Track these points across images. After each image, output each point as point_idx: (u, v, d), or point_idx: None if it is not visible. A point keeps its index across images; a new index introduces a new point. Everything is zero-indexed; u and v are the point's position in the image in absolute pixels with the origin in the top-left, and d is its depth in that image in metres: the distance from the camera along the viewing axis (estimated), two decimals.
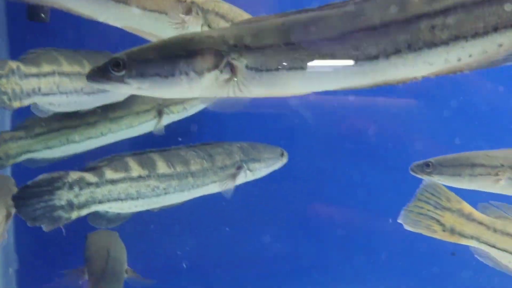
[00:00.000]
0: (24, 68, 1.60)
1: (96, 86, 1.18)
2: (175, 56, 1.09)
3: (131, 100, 1.91)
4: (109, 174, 1.59)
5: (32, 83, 1.64)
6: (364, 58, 1.04)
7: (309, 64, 1.05)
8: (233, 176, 1.66)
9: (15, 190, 1.62)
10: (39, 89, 1.68)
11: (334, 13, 1.06)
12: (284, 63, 1.06)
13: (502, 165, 1.64)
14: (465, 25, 1.00)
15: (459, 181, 1.68)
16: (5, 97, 1.55)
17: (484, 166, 1.65)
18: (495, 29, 1.00)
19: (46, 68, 1.64)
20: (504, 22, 0.98)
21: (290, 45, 1.06)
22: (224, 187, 1.66)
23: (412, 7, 1.01)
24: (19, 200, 1.46)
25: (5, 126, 2.20)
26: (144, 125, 1.94)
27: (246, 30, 1.12)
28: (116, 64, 1.11)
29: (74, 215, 1.56)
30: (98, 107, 1.84)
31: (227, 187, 1.66)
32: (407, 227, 1.74)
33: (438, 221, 1.73)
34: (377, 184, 2.60)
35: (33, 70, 1.64)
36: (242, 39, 1.10)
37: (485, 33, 1.00)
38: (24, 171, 1.92)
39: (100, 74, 1.13)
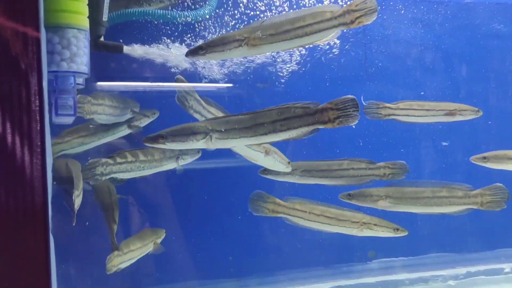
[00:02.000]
0: (92, 100, 2.90)
1: (149, 145, 2.25)
2: (188, 134, 2.20)
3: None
4: (118, 159, 2.86)
5: (94, 108, 2.89)
6: (259, 134, 2.18)
7: (238, 137, 2.22)
8: (176, 161, 3.09)
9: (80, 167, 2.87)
10: (96, 111, 2.89)
11: (248, 116, 2.19)
12: (230, 136, 2.20)
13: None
14: (292, 124, 2.15)
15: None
16: (85, 113, 2.83)
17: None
18: (300, 126, 2.14)
19: (99, 101, 2.94)
20: (301, 124, 2.15)
21: (233, 129, 2.19)
22: (170, 167, 3.10)
23: (275, 116, 2.15)
24: (87, 171, 2.80)
25: None
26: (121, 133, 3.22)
27: (216, 122, 2.23)
28: (162, 137, 2.18)
29: (103, 178, 2.82)
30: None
31: (172, 167, 3.10)
32: (254, 213, 3.02)
33: (267, 208, 3.02)
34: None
35: (94, 101, 2.89)
36: (214, 127, 2.20)
37: (299, 127, 2.15)
38: None
39: (152, 140, 2.19)
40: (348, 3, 2.27)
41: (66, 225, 2.77)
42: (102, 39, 2.92)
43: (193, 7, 3.35)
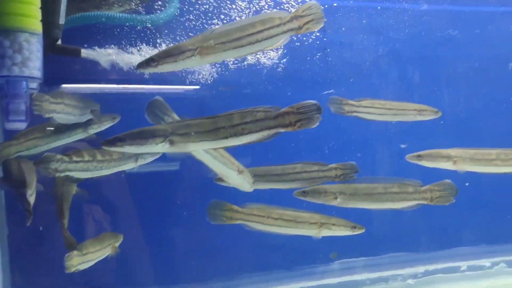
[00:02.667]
0: (51, 99, 2.82)
1: (108, 149, 2.24)
2: (146, 137, 2.18)
3: None
4: (74, 157, 2.77)
5: (53, 106, 2.81)
6: (220, 138, 2.18)
7: (198, 141, 2.21)
8: (135, 161, 3.03)
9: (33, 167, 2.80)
10: (55, 110, 2.82)
11: (209, 120, 2.19)
12: (190, 139, 2.20)
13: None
14: (253, 128, 2.15)
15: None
16: (44, 111, 2.75)
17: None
18: (261, 129, 2.15)
19: (58, 100, 2.87)
20: (262, 127, 2.15)
21: (193, 133, 2.18)
22: (128, 167, 3.03)
23: (236, 120, 2.15)
24: (41, 164, 2.71)
25: None
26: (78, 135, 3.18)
27: (175, 126, 2.22)
28: (120, 140, 2.15)
29: (58, 174, 2.72)
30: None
31: (131, 167, 3.04)
32: (212, 222, 3.04)
33: (224, 216, 3.04)
34: None
35: (53, 100, 2.78)
36: (173, 130, 2.19)
37: (260, 130, 2.16)
38: None
39: (110, 143, 2.16)
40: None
41: (20, 231, 2.73)
42: (59, 42, 2.90)
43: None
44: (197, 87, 3.72)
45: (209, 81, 3.69)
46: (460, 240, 4.52)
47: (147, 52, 3.37)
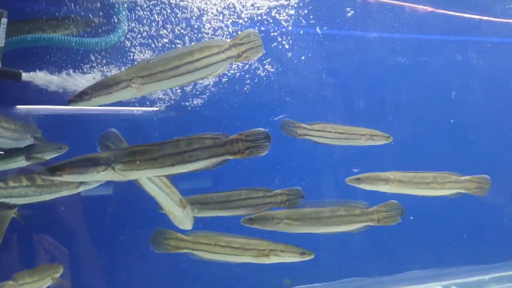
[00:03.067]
0: None
1: (47, 178, 2.21)
2: (87, 165, 2.08)
3: None
4: (11, 183, 2.66)
5: None
6: (166, 166, 2.10)
7: (143, 168, 2.12)
8: (78, 186, 2.84)
9: None
10: None
11: (154, 147, 2.12)
12: (134, 167, 2.11)
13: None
14: (201, 155, 2.11)
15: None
16: None
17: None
18: (209, 157, 2.11)
19: None
20: (210, 155, 2.12)
21: (138, 160, 2.10)
22: (71, 193, 2.84)
23: (183, 147, 2.10)
24: None
25: None
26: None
27: (119, 153, 2.13)
28: (59, 168, 2.05)
29: None
30: None
31: (73, 192, 2.85)
32: (157, 251, 2.92)
33: (169, 245, 2.93)
34: None
35: None
36: (116, 157, 2.11)
37: (208, 158, 2.12)
38: None
39: (49, 172, 2.07)
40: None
41: None
42: None
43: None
44: (156, 108, 3.67)
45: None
46: (411, 265, 4.56)
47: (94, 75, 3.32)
